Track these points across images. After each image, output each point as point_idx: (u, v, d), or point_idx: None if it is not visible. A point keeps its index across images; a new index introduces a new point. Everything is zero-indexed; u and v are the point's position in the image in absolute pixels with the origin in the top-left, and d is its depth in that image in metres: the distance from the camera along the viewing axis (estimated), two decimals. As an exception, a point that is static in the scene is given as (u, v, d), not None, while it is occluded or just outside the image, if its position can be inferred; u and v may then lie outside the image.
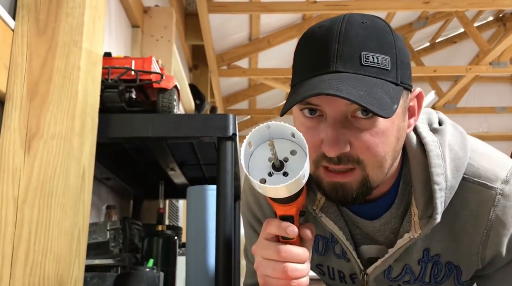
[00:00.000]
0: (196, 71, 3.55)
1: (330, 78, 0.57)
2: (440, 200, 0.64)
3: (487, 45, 3.77)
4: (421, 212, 0.66)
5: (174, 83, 1.00)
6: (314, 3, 3.02)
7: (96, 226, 1.07)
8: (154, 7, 2.06)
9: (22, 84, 0.78)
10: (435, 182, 0.64)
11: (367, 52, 0.58)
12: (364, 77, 0.58)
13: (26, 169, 0.74)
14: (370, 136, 0.59)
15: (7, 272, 0.70)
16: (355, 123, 0.60)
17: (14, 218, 0.72)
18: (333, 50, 0.59)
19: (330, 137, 0.59)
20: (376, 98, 0.56)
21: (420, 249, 0.70)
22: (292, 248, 0.57)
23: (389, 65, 0.59)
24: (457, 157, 0.67)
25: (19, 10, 0.81)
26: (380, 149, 0.60)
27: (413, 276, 0.73)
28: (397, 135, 0.62)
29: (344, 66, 0.58)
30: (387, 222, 0.71)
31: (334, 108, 0.59)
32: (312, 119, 0.62)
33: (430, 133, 0.68)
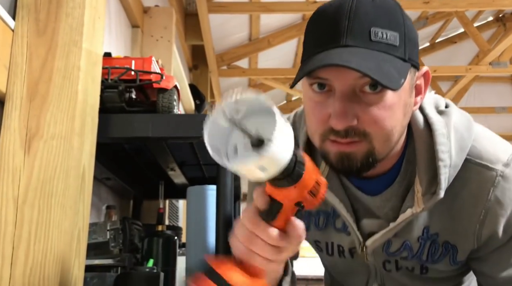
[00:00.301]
0: (196, 71, 3.55)
1: (340, 51, 0.59)
2: (444, 176, 0.65)
3: (487, 45, 3.78)
4: (425, 189, 0.67)
5: (174, 83, 1.00)
6: (314, 3, 3.02)
7: (96, 226, 1.07)
8: (154, 7, 2.06)
9: (22, 85, 0.78)
10: (440, 158, 0.65)
11: (376, 28, 0.60)
12: (373, 52, 0.59)
13: (26, 169, 0.74)
14: (378, 110, 0.61)
15: (7, 272, 0.70)
16: (363, 97, 0.61)
17: (14, 218, 0.72)
18: (343, 26, 0.60)
19: (338, 111, 0.60)
20: (384, 71, 0.57)
21: (421, 227, 0.72)
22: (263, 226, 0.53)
23: (397, 42, 0.60)
24: (462, 137, 0.68)
25: (19, 10, 0.81)
26: (388, 123, 0.61)
27: (411, 253, 0.74)
28: (404, 111, 0.64)
29: (354, 40, 0.59)
30: (388, 199, 0.72)
31: (342, 81, 0.60)
32: (321, 94, 0.63)
33: (436, 114, 0.70)
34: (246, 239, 0.53)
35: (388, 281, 0.80)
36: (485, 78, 4.98)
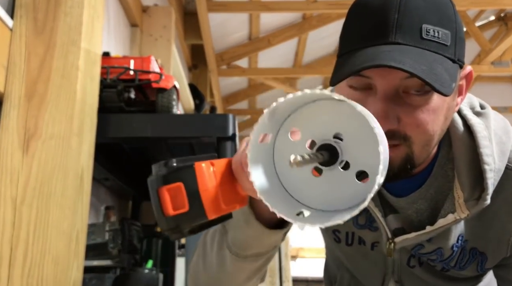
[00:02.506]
0: (196, 71, 3.55)
1: (390, 49, 0.54)
2: (491, 181, 0.61)
3: (488, 45, 3.77)
4: (467, 195, 0.63)
5: (173, 83, 0.99)
6: (314, 3, 3.01)
7: (95, 227, 1.06)
8: (153, 6, 2.06)
9: (20, 84, 0.77)
10: (485, 162, 0.61)
11: (428, 25, 0.55)
12: (424, 52, 0.55)
13: (25, 169, 0.74)
14: (422, 113, 0.57)
15: (5, 273, 0.70)
16: (407, 99, 0.57)
17: (13, 219, 0.72)
18: (392, 20, 0.55)
19: (380, 112, 0.55)
20: (437, 74, 0.54)
21: (457, 234, 0.69)
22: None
23: (449, 41, 0.56)
24: (501, 141, 0.65)
25: (17, 9, 0.80)
26: (430, 127, 0.58)
27: (440, 258, 0.71)
28: (446, 115, 0.60)
29: (404, 38, 0.55)
30: (413, 201, 0.69)
31: (387, 81, 0.56)
32: (360, 92, 0.59)
33: (474, 116, 0.66)
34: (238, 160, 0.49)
35: (406, 278, 0.77)
36: (486, 78, 4.97)
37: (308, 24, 3.69)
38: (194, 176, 0.43)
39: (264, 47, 3.75)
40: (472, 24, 3.82)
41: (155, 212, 0.45)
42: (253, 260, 0.62)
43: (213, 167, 0.45)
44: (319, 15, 3.64)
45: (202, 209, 0.43)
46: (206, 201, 0.43)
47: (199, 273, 0.67)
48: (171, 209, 0.43)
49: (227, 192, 0.46)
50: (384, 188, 0.71)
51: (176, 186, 0.43)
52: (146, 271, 0.90)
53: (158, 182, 0.44)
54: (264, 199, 0.39)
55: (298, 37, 3.83)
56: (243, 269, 0.62)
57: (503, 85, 5.22)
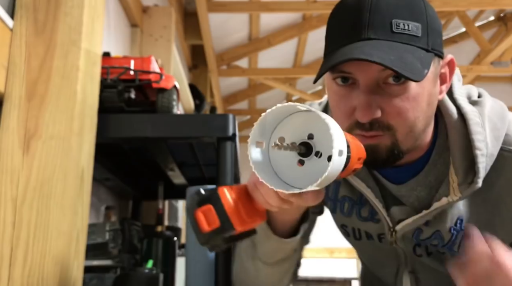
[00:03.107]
0: (196, 71, 3.55)
1: (362, 45, 0.59)
2: (482, 165, 0.65)
3: (488, 45, 3.77)
4: (461, 179, 0.66)
5: (173, 83, 0.99)
6: (314, 3, 3.01)
7: (95, 227, 1.06)
8: (153, 7, 2.06)
9: (20, 84, 0.77)
10: (476, 147, 0.65)
11: (398, 20, 0.60)
12: (395, 44, 0.60)
13: (25, 169, 0.74)
14: (401, 101, 0.61)
15: (5, 273, 0.70)
16: (387, 89, 0.61)
17: (13, 219, 0.72)
18: (364, 19, 0.61)
19: (363, 103, 0.61)
20: (406, 63, 0.58)
21: (454, 217, 0.71)
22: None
23: (420, 32, 0.61)
24: (495, 127, 0.68)
25: (18, 9, 0.80)
26: (411, 114, 0.62)
27: (442, 242, 0.73)
28: (428, 101, 0.64)
29: (375, 33, 0.60)
30: (413, 188, 0.72)
31: (366, 74, 0.61)
32: (345, 88, 0.64)
33: (469, 105, 0.69)
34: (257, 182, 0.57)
35: (419, 268, 0.79)
36: (486, 78, 4.97)
37: (308, 24, 3.70)
38: (219, 198, 0.55)
39: (264, 48, 3.75)
40: (471, 25, 3.82)
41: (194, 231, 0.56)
42: (280, 265, 0.72)
43: (232, 190, 0.57)
44: (319, 15, 3.64)
45: (230, 222, 0.54)
46: (232, 216, 0.55)
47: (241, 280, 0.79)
48: (206, 226, 0.55)
49: (247, 208, 0.57)
50: (385, 178, 0.74)
51: (207, 207, 0.55)
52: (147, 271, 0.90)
53: (193, 207, 0.56)
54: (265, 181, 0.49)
55: (298, 37, 3.83)
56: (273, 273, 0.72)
57: (503, 85, 5.22)
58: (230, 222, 0.54)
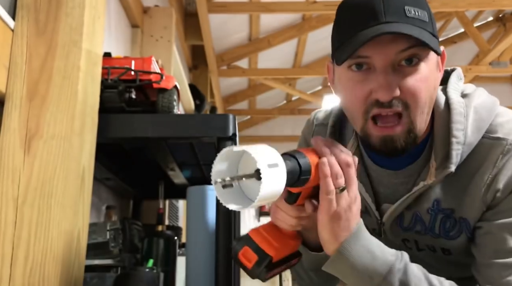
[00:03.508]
0: (196, 71, 3.56)
1: (384, 26, 0.64)
2: (456, 152, 0.69)
3: (487, 45, 3.78)
4: (438, 164, 0.70)
5: (174, 83, 0.99)
6: (314, 3, 3.02)
7: (96, 226, 1.07)
8: (154, 7, 2.06)
9: (21, 85, 0.78)
10: (453, 135, 0.69)
11: (409, 6, 0.66)
12: (411, 26, 0.65)
13: (26, 169, 0.74)
14: (415, 81, 0.66)
15: (6, 272, 0.70)
16: (401, 70, 0.66)
17: (14, 218, 0.72)
18: (379, 6, 0.65)
19: (384, 83, 0.65)
20: (428, 39, 0.64)
21: (431, 199, 0.74)
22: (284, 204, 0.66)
23: (427, 18, 0.67)
24: (480, 118, 0.71)
25: (19, 10, 0.81)
26: (423, 94, 0.66)
27: (423, 226, 0.76)
28: (434, 84, 0.69)
29: (392, 17, 0.65)
30: (411, 174, 0.75)
31: (384, 56, 0.65)
32: (360, 73, 0.67)
33: (458, 96, 0.74)
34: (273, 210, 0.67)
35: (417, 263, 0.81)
36: (485, 78, 4.98)
37: (308, 25, 3.70)
38: (251, 238, 0.66)
39: (264, 48, 3.76)
40: (470, 25, 3.82)
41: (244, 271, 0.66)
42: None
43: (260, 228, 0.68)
44: (319, 16, 3.65)
45: (263, 252, 0.64)
46: (264, 247, 0.65)
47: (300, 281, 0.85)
48: (248, 263, 0.65)
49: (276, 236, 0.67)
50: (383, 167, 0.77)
51: (244, 249, 0.65)
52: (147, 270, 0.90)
53: (235, 252, 0.66)
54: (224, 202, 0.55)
55: (297, 38, 3.84)
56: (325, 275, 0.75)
57: (502, 86, 5.23)
58: (264, 252, 0.64)
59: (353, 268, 0.64)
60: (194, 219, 1.08)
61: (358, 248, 0.64)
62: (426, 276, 0.66)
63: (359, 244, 0.64)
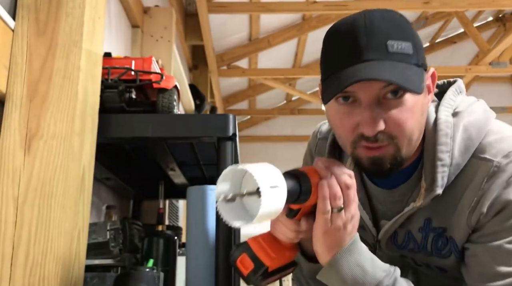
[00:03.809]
0: (196, 71, 3.56)
1: (365, 66, 0.65)
2: (441, 175, 0.70)
3: (486, 45, 3.78)
4: (427, 186, 0.71)
5: (174, 84, 1.00)
6: (313, 3, 3.02)
7: (96, 226, 1.07)
8: (154, 7, 2.06)
9: (22, 85, 0.78)
10: (438, 158, 0.70)
11: (392, 41, 0.66)
12: (393, 62, 0.66)
13: (26, 169, 0.74)
14: (400, 113, 0.67)
15: (7, 273, 0.70)
16: (386, 103, 0.67)
17: (14, 219, 0.72)
18: (362, 42, 0.66)
19: (368, 118, 0.66)
20: (408, 78, 0.64)
21: (422, 218, 0.75)
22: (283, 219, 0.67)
23: (411, 49, 0.67)
24: (469, 137, 0.72)
25: (19, 10, 0.81)
26: (409, 124, 0.68)
27: (416, 244, 0.77)
28: (421, 110, 0.70)
29: (374, 54, 0.66)
30: (404, 193, 0.76)
31: (368, 92, 0.67)
32: (347, 105, 0.69)
33: (447, 115, 0.74)
34: (273, 221, 0.69)
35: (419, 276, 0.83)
36: (485, 78, 4.98)
37: (308, 25, 3.70)
38: (249, 246, 0.68)
39: (264, 48, 3.76)
40: (470, 25, 3.82)
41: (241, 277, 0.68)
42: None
43: (259, 237, 0.69)
44: (319, 16, 3.65)
45: (260, 261, 0.67)
46: (260, 256, 0.67)
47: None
48: (245, 270, 0.67)
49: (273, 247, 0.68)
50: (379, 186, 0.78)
51: (242, 256, 0.67)
52: (147, 270, 0.90)
53: (233, 259, 0.68)
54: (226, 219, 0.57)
55: (298, 37, 3.84)
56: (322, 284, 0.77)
57: (501, 86, 5.23)
58: (260, 261, 0.67)
59: (343, 281, 0.66)
60: (194, 219, 1.08)
61: (348, 262, 0.66)
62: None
63: (350, 258, 0.66)
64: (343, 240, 0.66)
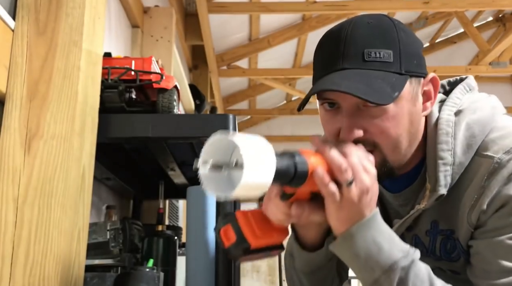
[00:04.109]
0: (196, 72, 3.56)
1: (335, 75, 0.66)
2: (443, 174, 0.69)
3: (486, 45, 3.78)
4: (432, 187, 0.70)
5: (174, 84, 1.00)
6: (313, 3, 3.02)
7: (96, 226, 1.07)
8: (154, 7, 2.06)
9: (22, 85, 0.78)
10: (439, 156, 0.69)
11: (370, 49, 0.66)
12: (366, 71, 0.65)
13: (26, 169, 0.74)
14: (381, 121, 0.67)
15: (7, 272, 0.70)
16: (367, 111, 0.67)
17: (14, 218, 0.73)
18: (340, 50, 0.67)
19: (345, 126, 0.67)
20: (375, 89, 0.64)
21: (428, 221, 0.74)
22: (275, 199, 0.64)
23: (391, 58, 0.66)
24: (472, 135, 0.70)
25: (19, 10, 0.81)
26: (393, 132, 0.67)
27: (424, 248, 0.75)
28: (410, 119, 0.69)
29: (349, 63, 0.66)
30: (409, 197, 0.75)
31: (346, 100, 0.67)
32: (331, 112, 0.70)
33: (449, 114, 0.72)
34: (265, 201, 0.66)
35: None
36: (485, 78, 4.97)
37: (308, 25, 3.70)
38: (236, 219, 0.64)
39: (264, 48, 3.76)
40: (470, 25, 3.82)
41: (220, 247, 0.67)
42: (316, 273, 0.77)
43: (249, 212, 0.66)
44: (319, 16, 3.65)
45: (243, 236, 0.63)
46: (245, 231, 0.63)
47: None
48: (226, 242, 0.64)
49: (261, 226, 0.65)
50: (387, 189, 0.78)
51: (227, 227, 0.64)
52: (147, 270, 0.91)
53: (218, 228, 0.65)
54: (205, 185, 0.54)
55: (297, 37, 3.84)
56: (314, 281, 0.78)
57: (501, 86, 5.22)
58: (243, 236, 0.63)
59: (356, 256, 0.63)
60: (194, 219, 1.08)
61: (364, 237, 0.62)
62: (431, 279, 0.64)
63: (367, 233, 0.62)
64: (361, 213, 0.62)
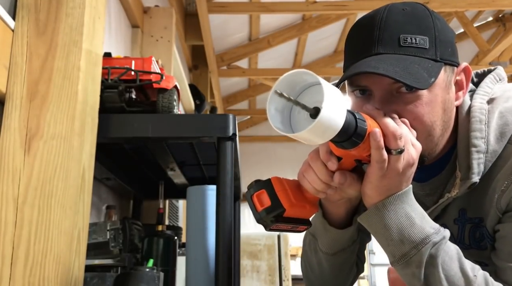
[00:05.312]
0: (196, 72, 3.56)
1: (371, 59, 0.66)
2: (476, 161, 0.68)
3: (486, 46, 3.78)
4: (463, 175, 0.70)
5: (174, 84, 1.00)
6: (313, 3, 3.02)
7: (96, 226, 1.07)
8: (154, 8, 2.06)
9: (22, 85, 0.78)
10: (472, 144, 0.69)
11: (406, 34, 0.66)
12: (402, 56, 0.65)
13: (26, 169, 0.74)
14: (415, 107, 0.66)
15: (7, 272, 0.70)
16: (401, 98, 0.67)
17: (14, 218, 0.72)
18: (375, 36, 0.67)
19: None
20: (411, 73, 0.63)
21: (456, 209, 0.74)
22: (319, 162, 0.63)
23: (427, 44, 0.66)
24: (505, 123, 0.70)
25: (19, 10, 0.81)
26: (427, 118, 0.67)
27: (453, 238, 0.73)
28: (443, 107, 0.69)
29: (384, 48, 0.66)
30: (436, 186, 0.75)
31: (379, 86, 0.67)
32: (362, 99, 0.70)
33: (481, 102, 0.72)
34: (304, 168, 0.66)
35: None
36: (485, 78, 4.97)
37: (308, 25, 3.70)
38: (271, 184, 0.64)
39: (264, 48, 3.76)
40: (470, 25, 3.82)
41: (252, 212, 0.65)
42: (339, 255, 0.76)
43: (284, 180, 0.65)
44: (319, 16, 3.65)
45: (279, 201, 0.63)
46: (281, 196, 0.63)
47: (308, 273, 0.84)
48: (259, 206, 0.63)
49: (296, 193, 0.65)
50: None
51: (261, 192, 0.64)
52: (147, 270, 0.91)
53: (250, 193, 0.65)
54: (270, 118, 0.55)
55: (297, 37, 3.84)
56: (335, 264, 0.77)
57: (503, 86, 5.21)
58: (279, 201, 0.63)
59: (387, 228, 0.63)
60: (194, 219, 1.08)
61: (397, 210, 0.62)
62: (460, 258, 0.64)
63: (400, 206, 0.63)
64: (399, 185, 0.62)
